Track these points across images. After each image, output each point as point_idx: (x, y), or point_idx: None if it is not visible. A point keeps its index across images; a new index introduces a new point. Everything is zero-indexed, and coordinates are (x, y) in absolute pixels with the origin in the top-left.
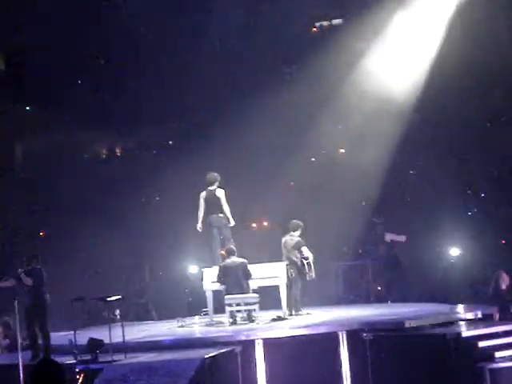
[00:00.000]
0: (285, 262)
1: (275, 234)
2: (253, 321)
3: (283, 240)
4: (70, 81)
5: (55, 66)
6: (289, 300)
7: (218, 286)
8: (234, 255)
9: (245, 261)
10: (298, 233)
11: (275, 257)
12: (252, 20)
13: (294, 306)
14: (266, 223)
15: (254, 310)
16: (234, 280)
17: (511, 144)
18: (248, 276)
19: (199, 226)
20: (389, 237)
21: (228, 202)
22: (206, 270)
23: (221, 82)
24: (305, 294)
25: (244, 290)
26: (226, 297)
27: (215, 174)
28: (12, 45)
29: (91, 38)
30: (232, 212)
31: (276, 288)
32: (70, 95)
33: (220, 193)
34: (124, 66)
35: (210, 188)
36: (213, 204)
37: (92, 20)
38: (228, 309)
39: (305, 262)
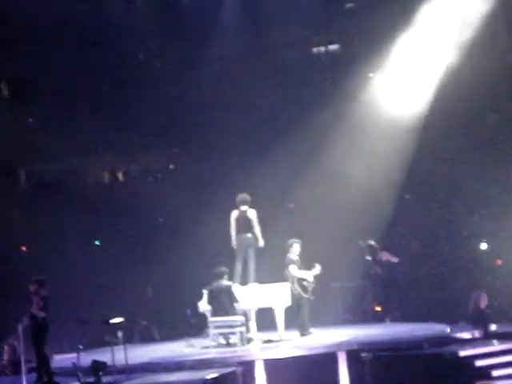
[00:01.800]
0: (286, 283)
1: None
2: (244, 343)
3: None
4: (71, 105)
5: (55, 92)
6: (298, 319)
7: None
8: (222, 278)
9: (230, 284)
10: (294, 251)
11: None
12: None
13: (301, 326)
14: None
15: (241, 332)
16: (219, 303)
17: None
18: (233, 300)
19: (234, 243)
20: (384, 256)
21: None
22: (204, 291)
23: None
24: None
25: (228, 313)
26: (210, 319)
27: (246, 195)
28: (14, 70)
29: (91, 63)
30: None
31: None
32: (72, 120)
33: (251, 213)
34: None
35: (242, 208)
36: (244, 224)
37: (93, 45)
38: (211, 331)
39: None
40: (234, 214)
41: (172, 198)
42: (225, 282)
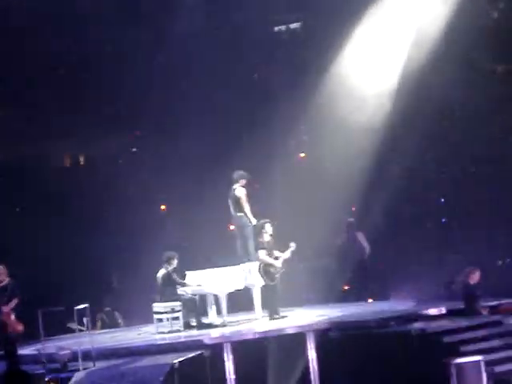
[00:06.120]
0: (243, 265)
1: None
2: (189, 327)
3: None
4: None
5: (19, 73)
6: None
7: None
8: (169, 263)
9: (168, 270)
10: (267, 231)
11: None
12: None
13: (270, 312)
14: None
15: (178, 317)
16: (159, 289)
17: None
18: (170, 283)
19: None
20: (359, 237)
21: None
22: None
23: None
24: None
25: (166, 298)
26: (153, 305)
27: (239, 173)
28: None
29: (49, 49)
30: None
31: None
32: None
33: (239, 192)
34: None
35: (233, 187)
36: (233, 203)
37: (54, 28)
38: (155, 316)
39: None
40: (230, 193)
41: (135, 182)
42: (168, 267)
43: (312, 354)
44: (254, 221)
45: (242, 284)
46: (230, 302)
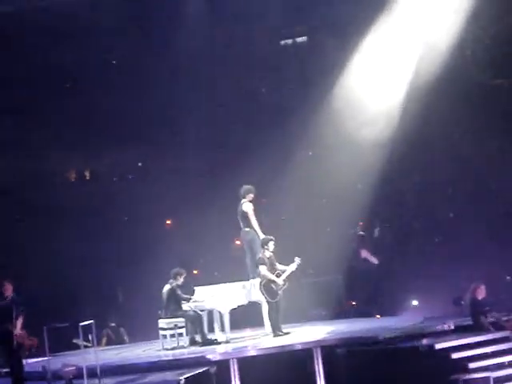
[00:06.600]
0: (236, 284)
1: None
2: (195, 343)
3: None
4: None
5: (19, 88)
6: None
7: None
8: (175, 279)
9: (172, 286)
10: (269, 248)
11: None
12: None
13: (273, 328)
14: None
15: (181, 334)
16: (164, 305)
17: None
18: (175, 299)
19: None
20: (364, 254)
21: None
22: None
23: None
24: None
25: (170, 314)
26: (158, 321)
27: (245, 187)
28: None
29: (53, 62)
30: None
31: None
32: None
33: (246, 207)
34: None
35: (241, 202)
36: (241, 218)
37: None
38: (160, 333)
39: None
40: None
41: (142, 196)
42: (172, 283)
43: (319, 370)
44: (262, 235)
45: (246, 300)
46: (240, 316)
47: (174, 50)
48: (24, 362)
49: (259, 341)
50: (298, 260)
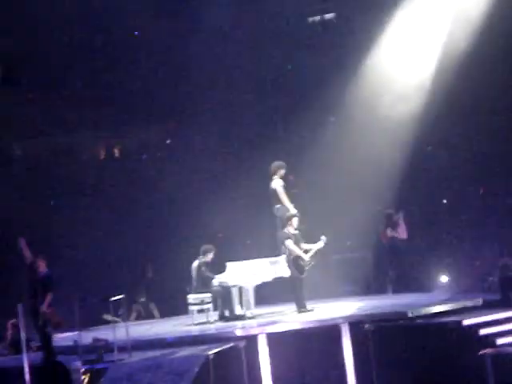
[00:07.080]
0: (269, 258)
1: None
2: (224, 319)
3: None
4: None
5: (46, 69)
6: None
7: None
8: (204, 256)
9: (200, 262)
10: (293, 225)
11: None
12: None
13: (297, 304)
14: None
15: (208, 309)
16: (193, 280)
17: None
18: (202, 277)
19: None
20: (390, 233)
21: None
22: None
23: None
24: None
25: (198, 289)
26: (188, 296)
27: (275, 164)
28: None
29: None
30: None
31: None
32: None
33: (275, 183)
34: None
35: (271, 180)
36: (271, 196)
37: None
38: (190, 308)
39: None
40: None
41: (170, 174)
42: (201, 259)
43: (347, 346)
44: (294, 211)
45: (271, 277)
46: (269, 292)
47: (202, 28)
48: (54, 336)
49: (287, 317)
50: (324, 238)
